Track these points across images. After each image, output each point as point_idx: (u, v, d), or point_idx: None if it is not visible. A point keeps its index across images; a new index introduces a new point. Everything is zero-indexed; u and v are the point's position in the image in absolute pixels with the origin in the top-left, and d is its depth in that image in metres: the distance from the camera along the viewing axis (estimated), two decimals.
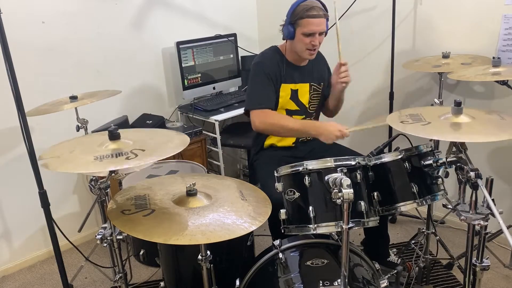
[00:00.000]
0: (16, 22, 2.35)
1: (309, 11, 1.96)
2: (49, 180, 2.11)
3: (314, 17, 1.97)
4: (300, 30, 2.00)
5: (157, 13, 2.94)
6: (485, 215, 1.42)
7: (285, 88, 2.14)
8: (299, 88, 2.17)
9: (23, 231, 2.64)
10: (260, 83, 2.09)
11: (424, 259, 2.19)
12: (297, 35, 2.02)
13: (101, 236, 1.58)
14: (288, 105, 2.17)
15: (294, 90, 2.16)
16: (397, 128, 1.54)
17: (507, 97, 2.38)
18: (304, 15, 1.96)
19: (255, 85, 2.11)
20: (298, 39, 2.03)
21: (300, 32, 2.00)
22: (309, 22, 1.97)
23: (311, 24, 1.97)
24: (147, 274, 2.47)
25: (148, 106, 3.00)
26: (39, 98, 2.26)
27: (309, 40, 2.01)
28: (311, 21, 1.97)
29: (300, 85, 2.17)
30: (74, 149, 1.50)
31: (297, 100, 2.18)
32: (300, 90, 2.18)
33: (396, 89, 2.74)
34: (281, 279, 1.56)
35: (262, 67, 2.10)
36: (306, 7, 1.97)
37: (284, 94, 2.15)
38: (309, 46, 2.03)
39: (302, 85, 2.18)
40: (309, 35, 2.00)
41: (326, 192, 1.46)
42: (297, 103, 2.18)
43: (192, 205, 1.46)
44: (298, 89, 2.17)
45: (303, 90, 2.18)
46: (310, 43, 2.02)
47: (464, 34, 2.46)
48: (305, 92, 2.19)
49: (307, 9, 1.96)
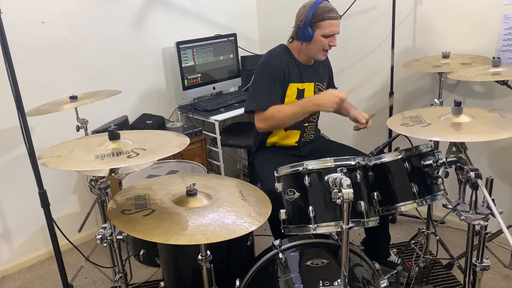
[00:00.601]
0: (16, 22, 2.35)
1: (330, 13, 2.00)
2: (49, 180, 2.11)
3: (335, 19, 2.02)
4: (321, 31, 2.02)
5: (157, 13, 2.94)
6: (485, 215, 1.42)
7: (292, 87, 2.14)
8: (306, 87, 2.18)
9: (23, 231, 2.64)
10: (264, 83, 2.08)
11: (424, 259, 2.19)
12: (316, 36, 2.04)
13: (101, 236, 1.58)
14: None
15: (300, 89, 2.17)
16: (397, 131, 1.54)
17: (507, 97, 2.39)
18: (326, 17, 2.00)
19: (259, 85, 2.11)
20: (316, 41, 2.05)
21: (320, 34, 2.03)
22: (331, 24, 2.01)
23: (332, 26, 2.02)
24: (147, 274, 2.47)
25: (148, 106, 3.00)
26: (39, 98, 2.26)
27: (328, 41, 2.05)
28: (333, 22, 2.01)
29: (307, 85, 2.19)
30: (74, 149, 1.50)
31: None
32: (306, 89, 2.19)
33: (396, 89, 2.74)
34: (281, 279, 1.56)
35: (268, 67, 2.09)
36: (327, 9, 2.00)
37: (290, 94, 2.15)
38: (326, 47, 2.07)
39: (308, 84, 2.19)
40: (329, 36, 2.04)
41: (326, 192, 1.46)
42: None
43: (192, 205, 1.46)
44: (304, 89, 2.18)
45: (308, 89, 2.20)
46: (328, 44, 2.06)
47: (464, 34, 2.46)
48: (310, 91, 2.20)
49: (327, 11, 2.00)
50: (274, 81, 2.07)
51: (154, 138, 1.63)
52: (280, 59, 2.11)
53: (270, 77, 2.07)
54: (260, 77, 2.10)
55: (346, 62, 3.06)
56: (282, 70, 2.09)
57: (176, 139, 1.59)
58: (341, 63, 3.08)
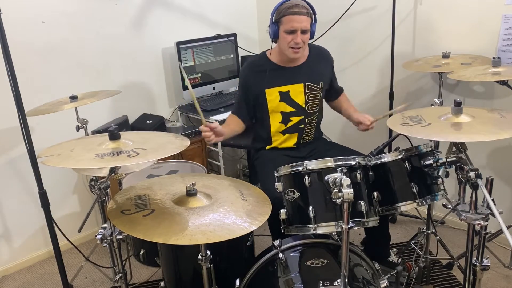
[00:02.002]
0: (16, 22, 2.35)
1: (290, 9, 1.98)
2: (49, 180, 2.12)
3: (295, 14, 1.98)
4: (283, 28, 2.02)
5: (157, 13, 2.94)
6: (485, 215, 1.42)
7: (271, 92, 2.14)
8: (291, 89, 2.16)
9: (23, 231, 2.64)
10: (239, 93, 2.27)
11: (424, 259, 2.19)
12: (281, 33, 2.04)
13: (101, 236, 1.58)
14: (280, 108, 2.16)
15: (283, 92, 2.15)
16: (398, 131, 1.54)
17: (507, 97, 2.38)
18: (286, 13, 1.98)
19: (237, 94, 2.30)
20: (281, 38, 2.05)
21: (282, 30, 2.02)
22: (291, 19, 1.98)
23: (292, 21, 1.98)
24: (147, 274, 2.47)
25: (148, 106, 3.00)
26: (39, 98, 2.26)
27: (291, 38, 2.01)
28: (292, 18, 1.98)
29: (292, 86, 2.16)
30: (74, 148, 1.50)
31: (291, 101, 2.16)
32: (293, 90, 2.16)
33: (396, 89, 2.74)
34: (281, 279, 1.56)
35: (241, 79, 2.27)
36: (288, 5, 1.99)
37: (272, 98, 2.15)
38: (291, 44, 2.03)
39: (294, 85, 2.16)
40: (290, 32, 2.00)
41: (326, 192, 1.46)
42: (291, 104, 2.16)
43: (192, 205, 1.46)
44: (289, 90, 2.16)
45: (296, 90, 2.16)
46: (292, 41, 2.02)
47: (464, 34, 2.46)
48: (299, 92, 2.17)
49: (289, 7, 1.99)
50: (242, 92, 2.22)
51: (154, 138, 1.63)
52: (250, 69, 2.21)
53: (241, 87, 2.25)
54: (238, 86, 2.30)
55: (346, 62, 3.06)
56: (251, 80, 2.18)
57: (176, 141, 1.59)
58: (341, 63, 3.07)
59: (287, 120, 2.17)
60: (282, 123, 2.18)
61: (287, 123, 2.18)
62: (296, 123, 2.18)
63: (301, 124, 2.19)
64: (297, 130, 2.21)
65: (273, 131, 2.20)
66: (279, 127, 2.19)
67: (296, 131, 2.21)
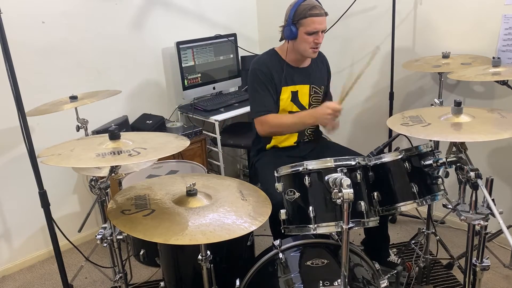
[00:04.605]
0: (16, 22, 2.35)
1: (311, 10, 1.99)
2: (49, 180, 2.11)
3: (317, 16, 2.00)
4: (304, 29, 2.02)
5: (157, 13, 2.94)
6: (485, 215, 1.42)
7: (286, 90, 2.15)
8: (299, 89, 2.17)
9: (23, 231, 2.64)
10: (257, 91, 2.12)
11: (424, 259, 2.19)
12: (300, 34, 2.04)
13: (101, 236, 1.59)
14: (289, 107, 2.18)
15: (294, 92, 2.17)
16: (397, 131, 1.54)
17: (507, 97, 2.39)
18: (307, 14, 1.99)
19: (253, 93, 2.15)
20: (301, 39, 2.05)
21: (303, 32, 2.02)
22: (313, 21, 2.00)
23: (315, 23, 2.00)
24: (147, 274, 2.47)
25: (148, 106, 3.00)
26: (39, 98, 2.26)
27: (313, 39, 2.04)
28: (315, 19, 2.00)
29: (300, 87, 2.18)
30: (74, 148, 1.50)
31: (298, 102, 2.18)
32: (300, 91, 2.18)
33: (396, 89, 2.74)
34: (281, 279, 1.56)
35: (258, 74, 2.12)
36: (308, 6, 1.99)
37: (285, 97, 2.15)
38: (313, 44, 2.05)
39: (302, 86, 2.18)
40: (312, 33, 2.02)
41: (326, 192, 1.46)
42: (298, 104, 2.18)
43: (192, 205, 1.46)
44: (298, 91, 2.17)
45: (303, 91, 2.18)
46: (313, 42, 2.04)
47: (464, 34, 2.46)
48: (304, 93, 2.19)
49: (309, 8, 1.99)
50: (264, 86, 2.11)
51: (154, 138, 1.63)
52: (267, 65, 2.13)
53: (261, 83, 2.11)
54: (252, 86, 2.15)
55: (346, 62, 3.06)
56: (271, 76, 2.11)
57: (176, 141, 1.59)
58: (341, 63, 3.08)
59: None
60: None
61: None
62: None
63: None
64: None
65: None
66: None
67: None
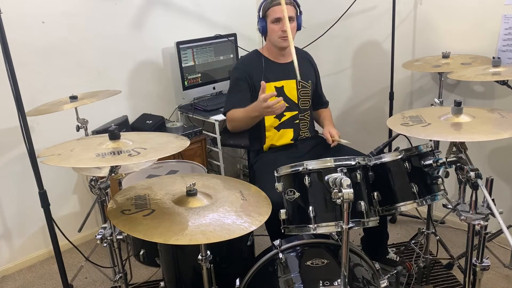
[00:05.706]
0: (16, 22, 2.35)
1: (274, 1, 2.08)
2: (49, 180, 2.12)
3: (277, 5, 2.07)
4: (269, 20, 2.11)
5: (157, 13, 2.94)
6: (485, 215, 1.42)
7: (269, 87, 2.15)
8: (285, 84, 2.20)
9: (23, 231, 2.64)
10: (233, 88, 2.21)
11: (424, 259, 2.19)
12: (268, 26, 2.13)
13: (101, 236, 1.58)
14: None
15: (278, 87, 2.19)
16: (397, 131, 1.54)
17: (507, 97, 2.38)
18: (270, 5, 2.10)
19: (230, 91, 2.25)
20: (270, 30, 2.13)
21: (269, 22, 2.11)
22: (274, 10, 2.09)
23: (275, 11, 2.09)
24: (147, 274, 2.47)
25: (148, 106, 3.00)
26: (39, 98, 2.26)
27: (278, 27, 2.10)
28: (275, 8, 2.09)
29: (286, 82, 2.20)
30: (74, 148, 1.50)
31: (285, 97, 2.19)
32: (286, 86, 2.20)
33: (396, 89, 2.74)
34: (281, 279, 1.56)
35: (234, 73, 2.24)
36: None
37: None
38: (280, 33, 2.11)
39: (288, 81, 2.20)
40: (276, 21, 2.09)
41: (326, 192, 1.46)
42: (285, 99, 2.16)
43: (192, 205, 1.46)
44: (283, 86, 2.20)
45: (289, 86, 2.21)
46: (280, 30, 2.10)
47: (464, 34, 2.46)
48: (292, 88, 2.21)
49: (271, 1, 2.09)
50: (237, 85, 2.18)
51: (154, 138, 1.63)
52: (246, 64, 2.22)
53: (234, 82, 2.21)
54: (230, 83, 2.25)
55: (346, 62, 3.07)
56: (246, 72, 2.17)
57: (176, 141, 1.59)
58: (341, 63, 3.08)
59: (281, 114, 2.19)
60: (276, 118, 2.20)
61: (281, 118, 2.21)
62: (290, 118, 2.21)
63: (295, 119, 2.23)
64: (292, 126, 2.23)
65: (267, 126, 2.21)
66: (273, 122, 2.21)
67: (291, 126, 2.23)
